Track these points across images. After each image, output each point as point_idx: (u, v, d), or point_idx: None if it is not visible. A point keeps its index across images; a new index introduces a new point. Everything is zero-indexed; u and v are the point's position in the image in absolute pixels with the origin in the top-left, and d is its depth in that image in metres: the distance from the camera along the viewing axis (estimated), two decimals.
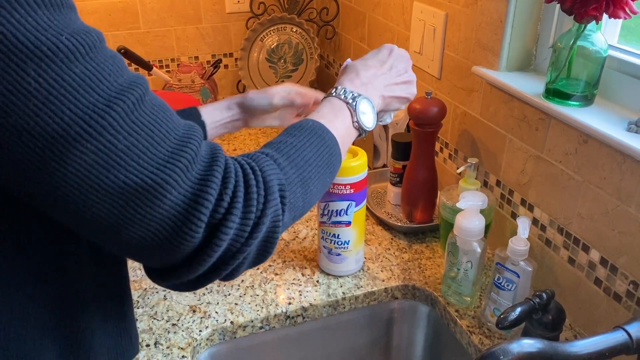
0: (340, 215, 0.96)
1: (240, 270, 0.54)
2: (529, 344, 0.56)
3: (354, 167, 0.93)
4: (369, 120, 0.72)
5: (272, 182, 0.54)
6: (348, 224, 0.97)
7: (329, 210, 0.96)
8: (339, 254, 1.00)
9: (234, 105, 0.92)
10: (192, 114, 0.90)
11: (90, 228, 0.47)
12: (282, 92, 0.92)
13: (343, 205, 0.95)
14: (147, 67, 1.60)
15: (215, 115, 0.91)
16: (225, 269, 0.52)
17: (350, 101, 0.71)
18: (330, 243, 0.99)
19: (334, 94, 0.72)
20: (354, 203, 0.95)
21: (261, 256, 0.56)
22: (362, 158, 0.94)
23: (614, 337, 0.60)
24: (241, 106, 0.92)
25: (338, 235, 0.98)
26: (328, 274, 1.02)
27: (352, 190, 0.94)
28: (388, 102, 0.80)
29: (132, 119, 0.45)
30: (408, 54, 0.84)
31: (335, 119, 0.68)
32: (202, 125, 0.90)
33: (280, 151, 0.59)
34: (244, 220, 0.51)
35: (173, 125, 0.49)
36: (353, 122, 0.71)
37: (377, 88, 0.77)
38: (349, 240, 0.98)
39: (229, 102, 0.92)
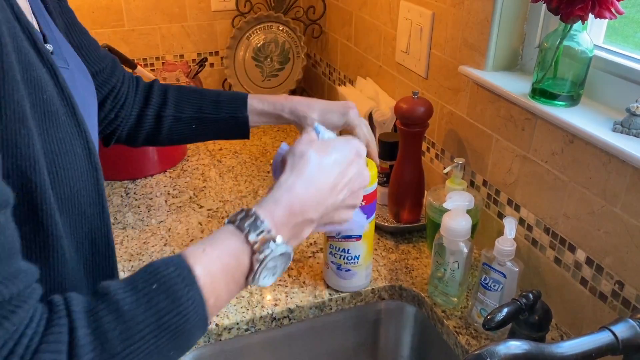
0: None
1: None
2: (516, 346, 0.56)
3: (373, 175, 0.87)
4: (268, 281, 0.56)
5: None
6: (359, 237, 0.92)
7: None
8: (349, 270, 0.95)
9: (283, 120, 0.88)
10: (238, 105, 0.86)
11: None
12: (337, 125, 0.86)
13: None
14: (132, 65, 1.58)
15: (260, 119, 0.88)
16: None
17: (260, 254, 0.53)
18: (340, 258, 0.94)
19: (245, 227, 0.53)
20: (365, 216, 0.89)
21: None
22: (373, 169, 0.87)
23: (600, 338, 0.60)
24: (293, 116, 0.87)
25: (348, 250, 0.93)
26: (336, 290, 0.98)
27: (363, 203, 0.88)
28: (314, 229, 0.62)
29: None
30: (367, 172, 0.67)
31: (222, 274, 0.52)
32: (245, 120, 0.87)
33: (113, 314, 0.45)
34: None
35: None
36: (248, 278, 0.54)
37: (312, 220, 0.59)
38: (359, 255, 0.94)
39: (284, 113, 0.87)
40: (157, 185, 1.34)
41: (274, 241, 0.54)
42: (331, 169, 0.61)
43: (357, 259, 0.94)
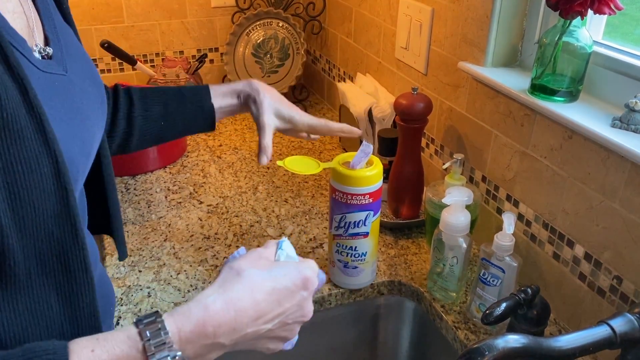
0: (358, 227, 0.91)
1: None
2: (514, 339, 0.56)
3: (372, 176, 0.88)
4: None
5: None
6: (366, 234, 0.92)
7: (345, 223, 0.91)
8: (356, 267, 0.95)
9: (243, 97, 0.91)
10: (202, 95, 0.89)
11: None
12: (284, 119, 0.91)
13: (362, 215, 0.90)
14: (131, 61, 1.58)
15: (224, 101, 0.90)
16: None
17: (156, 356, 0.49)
18: (347, 256, 0.94)
19: (146, 334, 0.50)
20: (372, 213, 0.91)
21: None
22: (378, 166, 0.89)
23: (598, 332, 0.60)
24: (247, 100, 0.91)
25: (355, 247, 0.93)
26: (336, 285, 0.99)
27: (370, 200, 0.89)
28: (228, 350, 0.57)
29: None
30: (310, 307, 0.62)
31: None
32: (211, 107, 0.89)
33: None
34: None
35: None
36: None
37: (223, 345, 0.55)
38: (366, 252, 0.94)
39: (240, 90, 0.91)
40: (157, 181, 1.34)
41: (173, 358, 0.50)
42: (265, 296, 0.56)
43: (365, 255, 0.94)
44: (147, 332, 0.50)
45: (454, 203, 0.88)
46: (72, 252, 0.53)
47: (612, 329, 0.60)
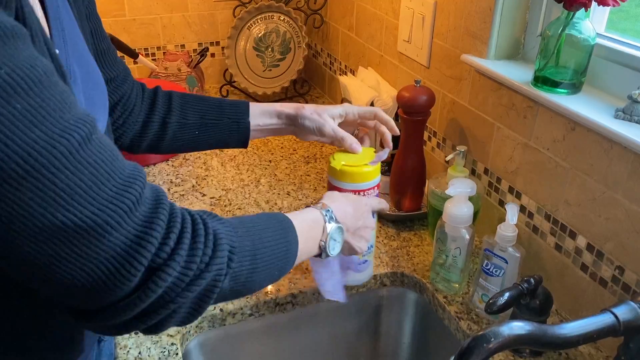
0: None
1: (166, 324, 0.52)
2: (519, 326, 0.57)
3: (377, 168, 0.87)
4: (335, 248, 0.74)
5: (223, 241, 0.53)
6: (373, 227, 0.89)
7: None
8: (366, 261, 0.94)
9: (284, 116, 0.89)
10: (240, 110, 0.88)
11: (17, 262, 0.44)
12: (337, 116, 0.89)
13: None
14: (133, 55, 1.58)
15: (262, 119, 0.89)
16: (154, 317, 0.50)
17: (330, 224, 0.72)
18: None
19: (320, 209, 0.73)
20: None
21: (191, 315, 0.54)
22: (372, 157, 0.88)
23: (602, 320, 0.60)
24: (290, 119, 0.89)
25: None
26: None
27: (377, 191, 0.89)
28: (345, 245, 0.79)
29: (76, 158, 0.43)
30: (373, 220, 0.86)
31: (308, 229, 0.69)
32: (247, 125, 0.88)
33: (242, 223, 0.59)
34: (185, 270, 0.49)
35: (118, 165, 0.47)
36: (321, 240, 0.72)
37: (349, 227, 0.78)
38: (372, 244, 0.93)
39: (281, 110, 0.89)
40: (159, 174, 1.34)
41: (337, 222, 0.74)
42: (354, 204, 0.80)
43: (372, 247, 0.93)
44: (323, 210, 0.73)
45: (457, 194, 0.89)
46: None
47: (615, 316, 0.61)
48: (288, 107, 0.90)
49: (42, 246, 0.42)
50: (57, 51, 0.57)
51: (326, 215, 0.73)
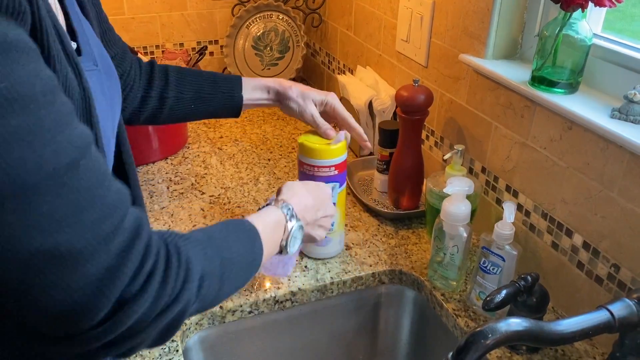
0: None
1: (134, 350, 0.52)
2: (516, 323, 0.57)
3: (337, 149, 0.94)
4: (294, 245, 0.76)
5: (194, 270, 0.53)
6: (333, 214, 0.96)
7: None
8: (325, 237, 0.99)
9: (273, 93, 0.96)
10: (234, 85, 0.94)
11: None
12: (319, 103, 0.96)
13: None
14: (132, 53, 1.58)
15: (254, 94, 0.96)
16: (122, 346, 0.49)
17: (291, 222, 0.74)
18: None
19: (281, 207, 0.75)
20: (338, 184, 0.96)
21: (160, 340, 0.54)
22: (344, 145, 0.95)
23: (598, 317, 0.61)
24: (278, 96, 0.96)
25: None
26: (316, 259, 1.03)
27: (336, 172, 0.95)
28: (305, 236, 0.81)
29: (60, 182, 0.42)
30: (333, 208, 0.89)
31: (272, 233, 0.71)
32: (240, 99, 0.94)
33: (211, 239, 0.59)
34: (156, 301, 0.49)
35: (101, 193, 0.46)
36: (282, 240, 0.74)
37: (309, 221, 0.80)
38: (334, 222, 0.98)
39: (270, 86, 0.96)
40: (158, 172, 1.35)
41: (298, 219, 0.75)
42: (315, 193, 0.82)
43: (333, 226, 0.98)
44: (283, 208, 0.75)
45: (455, 193, 0.89)
46: None
47: (611, 313, 0.62)
48: (277, 85, 0.96)
49: (15, 270, 0.42)
50: (74, 45, 0.58)
51: (287, 213, 0.74)
